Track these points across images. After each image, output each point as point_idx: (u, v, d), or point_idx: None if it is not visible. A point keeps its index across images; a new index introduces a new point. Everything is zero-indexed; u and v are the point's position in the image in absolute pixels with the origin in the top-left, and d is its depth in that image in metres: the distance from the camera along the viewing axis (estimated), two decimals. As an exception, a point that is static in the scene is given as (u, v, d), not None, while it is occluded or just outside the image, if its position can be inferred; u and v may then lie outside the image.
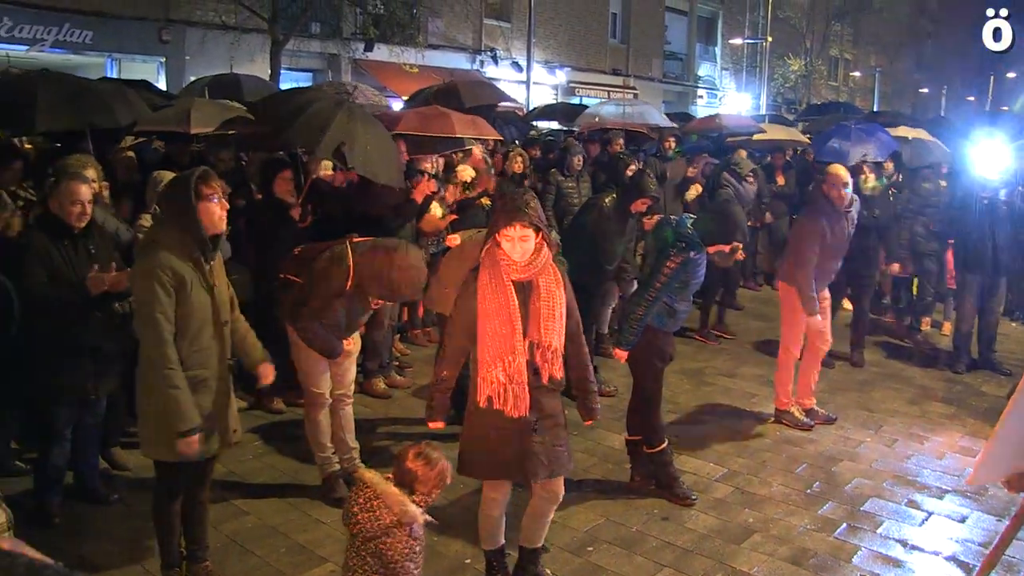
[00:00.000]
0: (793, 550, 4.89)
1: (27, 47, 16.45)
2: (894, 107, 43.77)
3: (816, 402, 7.05)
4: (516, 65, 27.12)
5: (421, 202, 6.97)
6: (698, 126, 16.10)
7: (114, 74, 17.99)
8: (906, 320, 10.21)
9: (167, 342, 3.85)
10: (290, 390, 6.82)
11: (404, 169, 7.18)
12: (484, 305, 3.91)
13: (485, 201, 7.69)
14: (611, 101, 21.05)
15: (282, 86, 16.35)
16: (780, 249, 10.85)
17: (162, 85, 16.87)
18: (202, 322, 4.00)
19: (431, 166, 7.70)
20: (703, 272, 5.51)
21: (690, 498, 5.45)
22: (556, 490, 4.24)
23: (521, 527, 4.34)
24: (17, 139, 8.03)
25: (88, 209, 4.82)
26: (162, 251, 3.89)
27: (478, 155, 8.18)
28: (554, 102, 24.90)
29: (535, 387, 3.96)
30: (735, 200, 8.39)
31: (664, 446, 5.56)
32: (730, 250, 5.45)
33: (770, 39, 36.61)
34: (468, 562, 4.64)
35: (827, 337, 7.05)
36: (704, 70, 41.45)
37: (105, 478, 5.48)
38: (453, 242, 6.82)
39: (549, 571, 4.50)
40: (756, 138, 12.98)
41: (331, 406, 5.40)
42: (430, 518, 3.40)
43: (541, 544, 4.40)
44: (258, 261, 6.69)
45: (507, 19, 28.37)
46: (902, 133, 12.65)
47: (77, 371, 4.85)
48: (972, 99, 56.63)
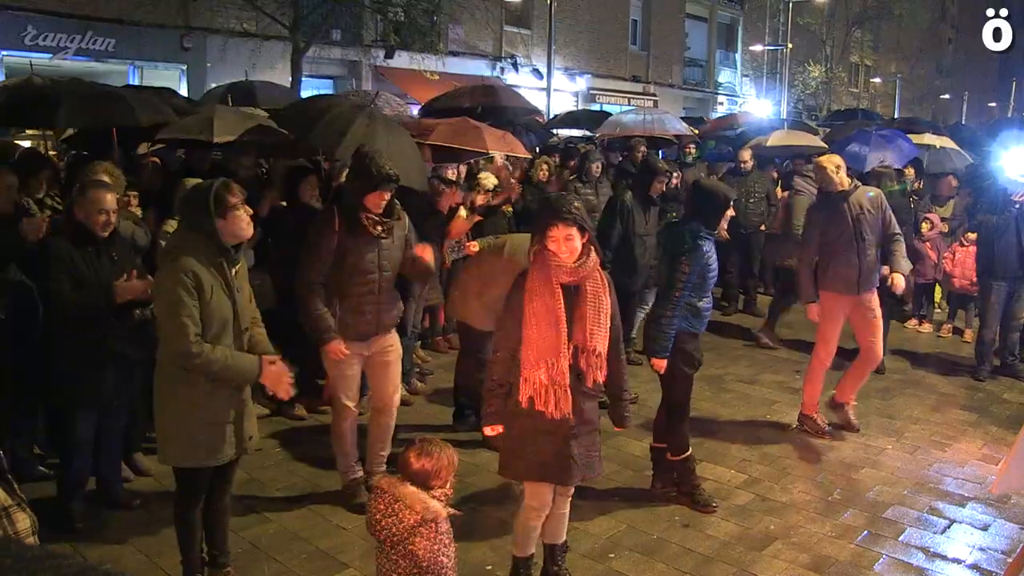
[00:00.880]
0: (814, 557, 4.86)
1: (50, 55, 16.66)
2: (915, 113, 43.46)
3: (850, 409, 6.98)
4: (536, 72, 27.13)
5: (446, 212, 6.99)
6: (715, 126, 16.08)
7: (136, 81, 18.13)
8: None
9: (196, 342, 3.85)
10: (311, 396, 6.87)
11: (428, 175, 7.21)
12: (532, 306, 3.95)
13: (507, 208, 7.71)
14: (631, 110, 21.06)
15: (303, 93, 16.44)
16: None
17: (183, 92, 17.01)
18: (222, 327, 3.99)
19: (453, 174, 7.74)
20: (716, 262, 5.49)
21: (711, 506, 5.44)
22: (569, 490, 4.32)
23: (542, 527, 4.36)
24: (42, 147, 8.15)
25: (113, 218, 4.87)
26: (184, 256, 3.90)
27: (499, 162, 8.21)
28: (575, 109, 24.92)
29: (578, 391, 4.00)
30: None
31: (688, 454, 5.58)
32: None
33: (790, 46, 36.47)
34: (490, 568, 4.64)
35: (830, 346, 6.87)
36: (724, 76, 41.40)
37: (127, 484, 5.51)
38: (472, 249, 6.83)
39: (570, 577, 4.51)
40: (773, 143, 12.90)
41: (370, 418, 5.42)
42: (453, 511, 3.40)
43: (563, 540, 4.44)
44: (283, 267, 6.71)
45: (527, 26, 28.44)
46: (928, 140, 12.59)
47: (100, 378, 4.88)
48: (994, 105, 56.19)
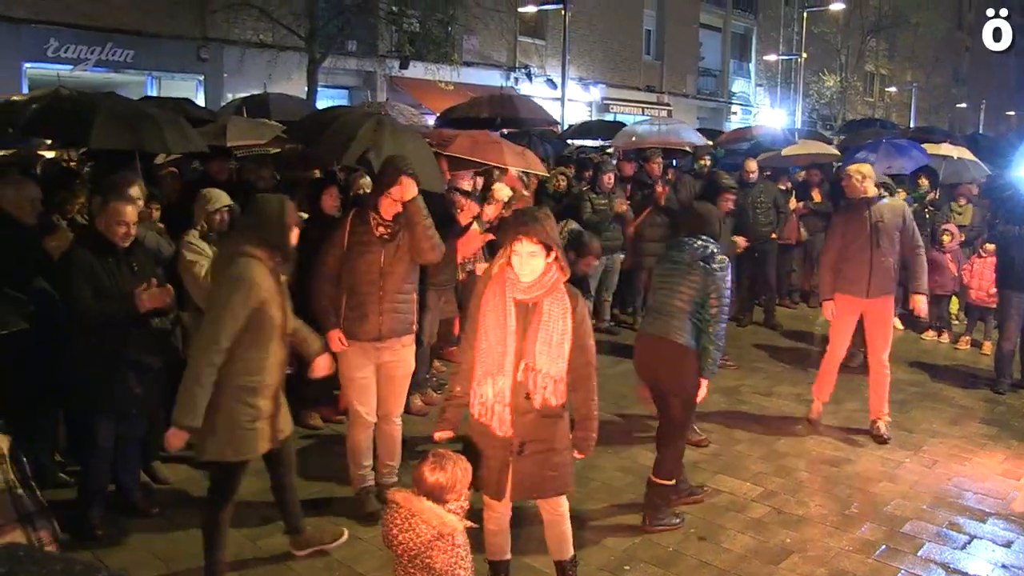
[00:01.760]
0: (831, 571, 4.83)
1: (72, 66, 16.86)
2: (931, 122, 43.30)
3: (883, 419, 7.03)
4: (551, 82, 27.21)
5: (465, 224, 7.01)
6: (729, 138, 16.08)
7: (154, 91, 18.35)
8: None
9: (220, 350, 4.06)
10: (326, 406, 6.89)
11: (444, 183, 7.23)
12: (483, 320, 3.88)
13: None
14: (645, 119, 21.10)
15: (318, 103, 16.57)
16: (816, 266, 10.79)
17: (200, 102, 17.16)
18: (272, 334, 4.26)
19: (469, 184, 7.75)
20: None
21: (671, 527, 5.26)
22: (554, 508, 4.19)
23: (548, 545, 4.34)
24: (65, 156, 8.24)
25: (132, 230, 4.96)
26: (257, 267, 4.17)
27: (514, 174, 8.22)
28: (589, 119, 24.96)
29: (525, 411, 3.87)
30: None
31: (673, 483, 5.34)
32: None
33: (805, 55, 36.41)
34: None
35: (839, 341, 7.17)
36: (738, 86, 41.37)
37: (146, 492, 5.55)
38: (479, 270, 6.84)
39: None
40: (788, 153, 12.89)
41: (376, 430, 5.42)
42: (470, 523, 3.41)
43: (570, 556, 4.35)
44: (303, 276, 6.75)
45: (542, 36, 28.52)
46: (945, 151, 12.53)
47: (120, 386, 4.92)
48: (1012, 114, 55.93)
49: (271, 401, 4.37)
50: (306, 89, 17.91)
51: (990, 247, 9.39)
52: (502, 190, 7.50)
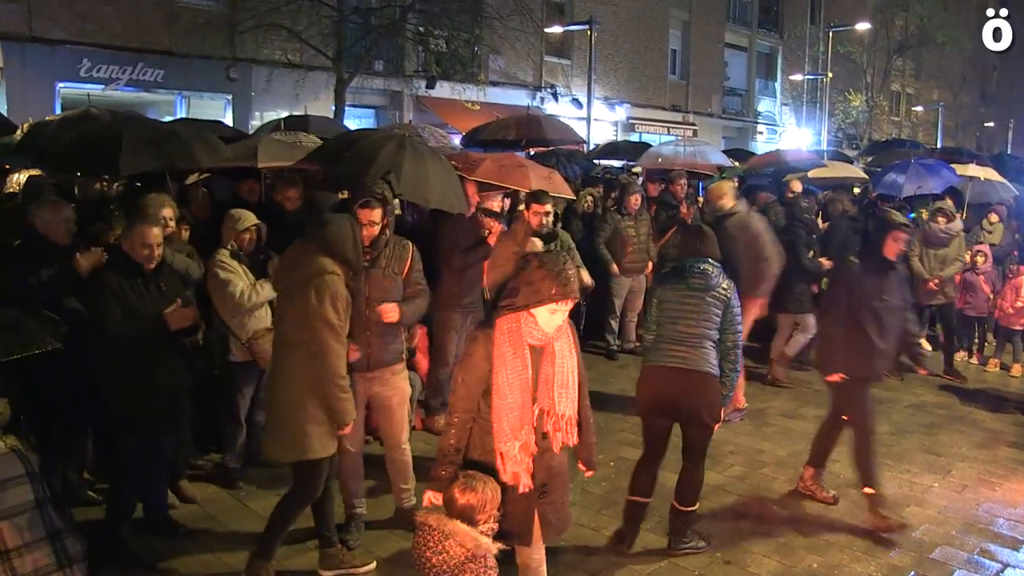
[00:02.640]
0: (860, 598, 4.80)
1: (103, 86, 17.11)
2: (958, 142, 42.99)
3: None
4: (576, 102, 27.26)
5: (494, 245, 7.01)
6: (758, 163, 15.99)
7: (183, 111, 18.57)
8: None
9: (342, 359, 4.53)
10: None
11: (469, 204, 7.23)
12: (503, 374, 3.59)
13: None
14: (671, 140, 21.08)
15: (346, 122, 16.68)
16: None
17: (229, 122, 17.33)
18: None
19: (498, 205, 7.77)
20: None
21: (697, 551, 5.24)
22: (538, 550, 3.95)
23: None
24: (100, 184, 8.33)
25: (157, 252, 5.00)
26: (339, 282, 4.53)
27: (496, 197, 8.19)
28: (615, 139, 24.98)
29: (543, 450, 3.71)
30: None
31: (696, 509, 5.30)
32: None
33: (830, 75, 36.28)
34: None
35: None
36: (764, 106, 41.25)
37: (173, 511, 5.56)
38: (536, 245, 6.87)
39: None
40: (814, 175, 12.85)
41: (385, 456, 5.46)
42: (502, 544, 3.42)
43: None
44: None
45: (568, 56, 28.59)
46: (972, 172, 12.44)
47: (148, 405, 4.95)
48: (1040, 133, 55.37)
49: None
50: (333, 108, 18.06)
51: (1021, 268, 9.33)
52: (535, 245, 7.25)
